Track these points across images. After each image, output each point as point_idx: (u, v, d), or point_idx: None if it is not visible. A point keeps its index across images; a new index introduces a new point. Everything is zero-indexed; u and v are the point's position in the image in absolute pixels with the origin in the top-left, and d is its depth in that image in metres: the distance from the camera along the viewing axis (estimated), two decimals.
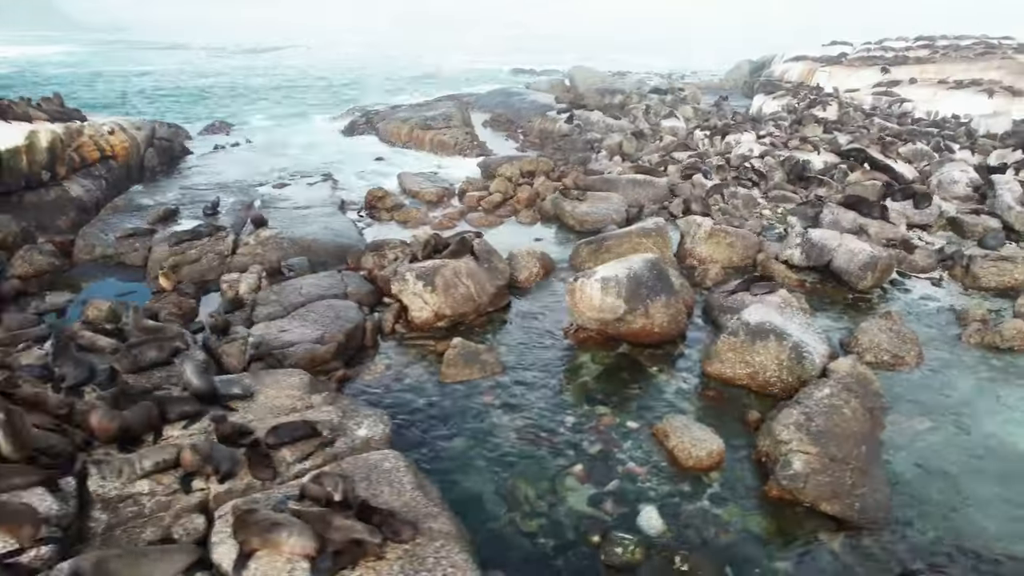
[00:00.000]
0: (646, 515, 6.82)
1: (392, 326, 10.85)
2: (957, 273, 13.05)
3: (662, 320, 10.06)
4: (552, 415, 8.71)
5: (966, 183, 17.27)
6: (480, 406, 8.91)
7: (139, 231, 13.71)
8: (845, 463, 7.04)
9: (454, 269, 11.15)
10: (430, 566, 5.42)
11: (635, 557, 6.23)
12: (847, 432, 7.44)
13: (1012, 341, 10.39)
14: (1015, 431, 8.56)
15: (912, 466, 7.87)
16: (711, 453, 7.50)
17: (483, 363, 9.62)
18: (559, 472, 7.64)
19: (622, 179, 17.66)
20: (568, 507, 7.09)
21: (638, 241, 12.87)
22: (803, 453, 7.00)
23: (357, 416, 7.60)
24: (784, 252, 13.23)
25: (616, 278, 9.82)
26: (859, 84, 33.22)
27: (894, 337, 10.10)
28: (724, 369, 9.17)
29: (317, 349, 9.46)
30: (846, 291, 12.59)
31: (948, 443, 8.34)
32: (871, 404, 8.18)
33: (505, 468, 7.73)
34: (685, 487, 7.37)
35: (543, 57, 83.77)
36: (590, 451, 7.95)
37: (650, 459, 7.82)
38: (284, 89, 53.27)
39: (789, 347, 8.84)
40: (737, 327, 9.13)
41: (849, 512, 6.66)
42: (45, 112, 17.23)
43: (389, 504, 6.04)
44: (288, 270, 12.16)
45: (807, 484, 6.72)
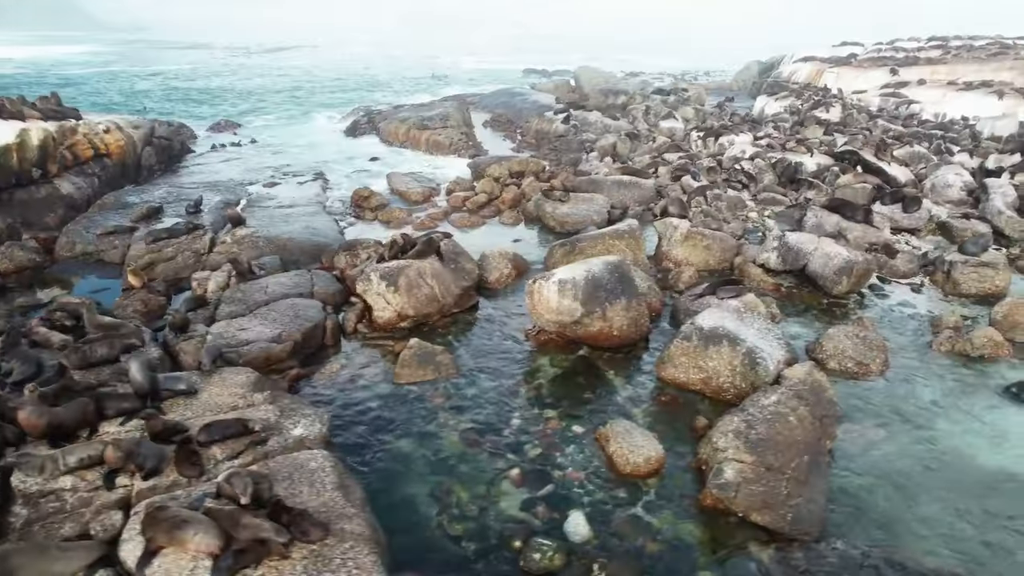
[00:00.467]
0: (573, 521, 6.75)
1: (354, 326, 10.88)
2: (938, 279, 12.77)
3: (621, 323, 9.96)
4: (499, 418, 8.66)
5: (960, 187, 16.87)
6: (429, 408, 8.89)
7: (119, 229, 13.92)
8: (782, 473, 6.90)
9: (418, 270, 11.15)
10: (335, 567, 5.41)
11: (554, 563, 6.17)
12: (789, 441, 7.30)
13: (982, 349, 10.14)
14: (973, 442, 8.35)
15: (860, 476, 7.71)
16: (649, 460, 7.40)
17: (437, 364, 9.61)
18: (496, 476, 7.59)
19: (608, 180, 17.54)
20: (499, 511, 7.04)
21: (611, 243, 12.76)
22: (737, 462, 6.88)
23: (295, 415, 7.63)
24: (761, 256, 13.04)
25: (573, 280, 9.75)
26: (867, 85, 32.67)
27: (860, 344, 9.89)
28: (678, 374, 9.06)
29: (272, 348, 9.51)
30: (821, 296, 12.38)
31: (902, 453, 8.15)
32: (822, 412, 8.01)
33: (444, 470, 7.70)
34: (621, 493, 7.29)
35: (555, 57, 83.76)
36: (530, 455, 7.89)
37: (590, 464, 7.74)
38: (293, 89, 53.75)
39: (742, 352, 8.70)
40: (690, 331, 9.01)
41: (781, 523, 6.52)
42: (39, 111, 17.55)
43: (306, 504, 6.05)
44: (259, 269, 12.22)
45: (738, 493, 6.60)
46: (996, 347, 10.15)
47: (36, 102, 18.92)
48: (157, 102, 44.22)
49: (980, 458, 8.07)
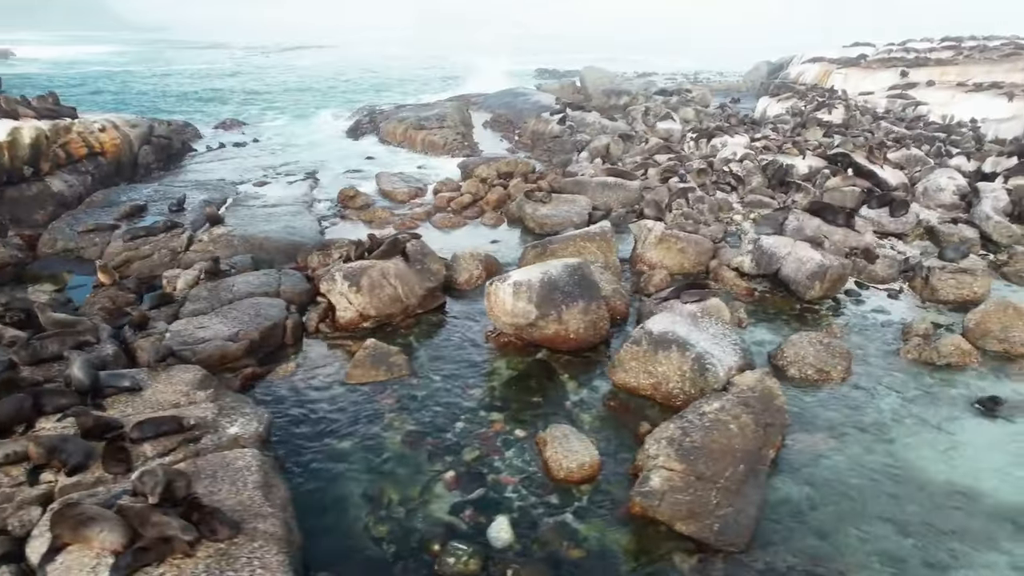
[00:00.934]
0: (497, 526, 6.70)
1: (316, 325, 10.92)
2: (917, 285, 12.49)
3: (578, 326, 9.88)
4: (444, 420, 8.64)
5: (953, 191, 16.49)
6: (377, 408, 8.89)
7: (100, 226, 14.13)
8: (713, 482, 6.79)
9: (382, 270, 11.16)
10: (240, 566, 5.42)
11: (468, 568, 6.13)
12: (726, 449, 7.18)
13: (949, 357, 9.90)
14: (926, 455, 8.14)
15: (803, 487, 7.55)
16: (582, 465, 7.33)
17: (391, 365, 9.61)
18: (432, 478, 7.57)
19: (592, 182, 17.43)
20: (427, 513, 7.02)
21: (582, 245, 12.67)
22: (666, 469, 6.78)
23: (234, 414, 7.67)
24: (735, 259, 12.87)
25: (528, 283, 9.69)
26: (875, 87, 32.08)
27: (822, 351, 9.71)
28: (628, 379, 8.96)
29: (228, 346, 9.58)
30: (794, 301, 12.18)
31: (851, 464, 7.98)
32: (768, 420, 7.86)
33: (381, 471, 7.70)
34: (552, 499, 7.22)
35: (569, 56, 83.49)
36: (468, 458, 7.85)
37: (527, 469, 7.68)
38: (306, 88, 54.26)
39: (692, 358, 8.58)
40: (640, 336, 8.91)
41: (706, 533, 6.41)
42: (34, 109, 17.89)
43: (223, 502, 6.08)
44: (231, 267, 12.33)
45: (663, 502, 6.51)
46: (963, 356, 9.90)
47: (33, 101, 19.32)
48: (168, 101, 44.94)
49: (931, 471, 7.87)
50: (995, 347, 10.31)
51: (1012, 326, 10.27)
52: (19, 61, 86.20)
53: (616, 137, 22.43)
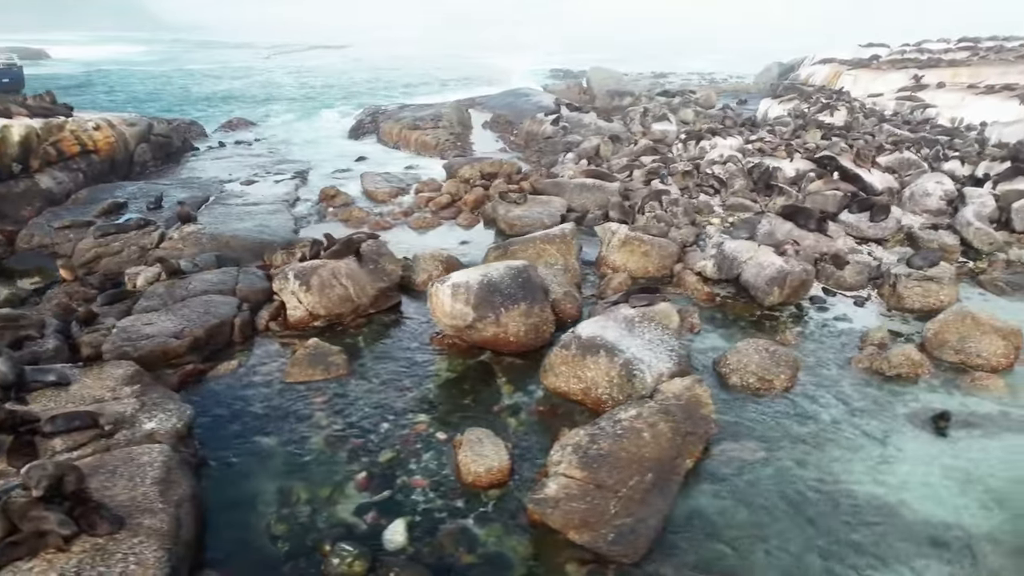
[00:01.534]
0: (393, 529, 6.69)
1: (266, 324, 11.02)
2: (885, 292, 12.15)
3: (517, 329, 9.81)
4: (371, 420, 8.64)
5: (940, 196, 16.01)
6: (308, 407, 8.93)
7: (76, 223, 14.43)
8: (614, 491, 6.67)
9: (332, 270, 11.22)
10: (115, 561, 5.50)
11: (353, 570, 6.11)
12: (635, 458, 7.06)
13: (899, 368, 9.60)
14: (857, 468, 7.89)
15: (720, 498, 7.38)
16: (490, 470, 7.27)
17: (329, 365, 9.65)
18: (345, 478, 7.58)
19: (571, 183, 17.31)
20: (331, 513, 7.03)
21: (542, 247, 12.60)
22: (566, 477, 6.69)
23: (155, 410, 7.79)
24: (698, 263, 12.67)
25: (467, 284, 9.66)
26: (884, 88, 31.33)
27: (767, 359, 9.49)
28: (559, 383, 8.86)
29: (171, 343, 9.71)
30: (755, 307, 11.94)
31: (776, 476, 7.77)
32: (689, 429, 7.71)
33: (297, 470, 7.73)
34: (458, 503, 7.18)
35: (585, 56, 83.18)
36: (384, 459, 7.85)
37: (440, 472, 7.65)
38: (318, 88, 54.95)
39: (620, 363, 8.46)
40: (569, 340, 8.81)
41: (599, 542, 6.30)
42: (27, 108, 18.38)
43: (115, 497, 6.17)
44: (194, 265, 12.50)
45: (555, 509, 6.41)
46: (913, 366, 9.59)
47: (29, 99, 19.86)
48: (185, 100, 45.85)
49: (858, 486, 7.61)
50: (951, 358, 9.97)
51: (969, 336, 9.92)
52: (53, 61, 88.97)
53: (606, 138, 22.26)
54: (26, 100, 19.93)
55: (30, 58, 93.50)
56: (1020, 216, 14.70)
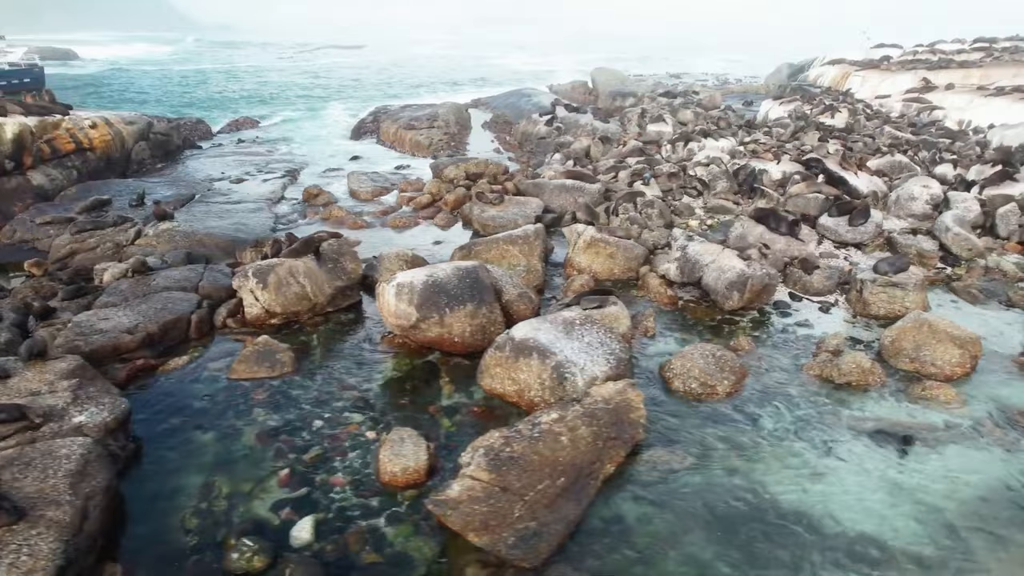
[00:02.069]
0: (300, 526, 6.73)
1: (224, 320, 11.16)
2: (852, 298, 11.90)
3: (462, 330, 9.81)
4: (306, 418, 8.70)
5: (926, 200, 15.62)
6: (247, 404, 9.03)
7: (57, 219, 14.78)
8: (521, 495, 6.64)
9: (290, 268, 11.32)
10: (7, 552, 5.64)
11: (252, 565, 6.17)
12: (547, 462, 7.02)
13: (849, 376, 9.40)
14: (786, 478, 7.72)
15: (639, 505, 7.29)
16: (406, 470, 7.29)
17: (275, 362, 9.75)
18: (269, 474, 7.65)
19: (551, 184, 17.25)
20: (247, 508, 7.10)
21: (505, 248, 12.59)
22: (471, 479, 6.67)
23: (89, 404, 7.94)
24: (661, 266, 12.54)
25: (411, 284, 9.69)
26: (892, 90, 30.69)
27: (711, 364, 9.36)
28: (495, 385, 8.84)
29: (123, 338, 9.89)
30: (716, 311, 11.78)
31: (703, 484, 7.66)
32: (613, 434, 7.65)
33: (224, 464, 7.82)
34: (373, 502, 7.21)
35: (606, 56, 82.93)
36: (307, 456, 7.91)
37: (362, 471, 7.68)
38: (333, 87, 55.55)
39: (552, 366, 8.41)
40: (503, 342, 8.78)
41: (498, 546, 6.27)
42: (22, 106, 18.86)
43: (21, 489, 6.31)
44: (164, 262, 12.72)
45: (455, 511, 6.39)
46: (863, 375, 9.38)
47: (27, 98, 20.38)
48: (200, 99, 46.68)
49: (786, 496, 7.45)
50: (906, 366, 9.75)
51: (925, 345, 9.68)
52: (80, 61, 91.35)
53: (596, 139, 22.13)
54: (24, 99, 20.43)
55: (59, 58, 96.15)
56: (1005, 222, 14.29)
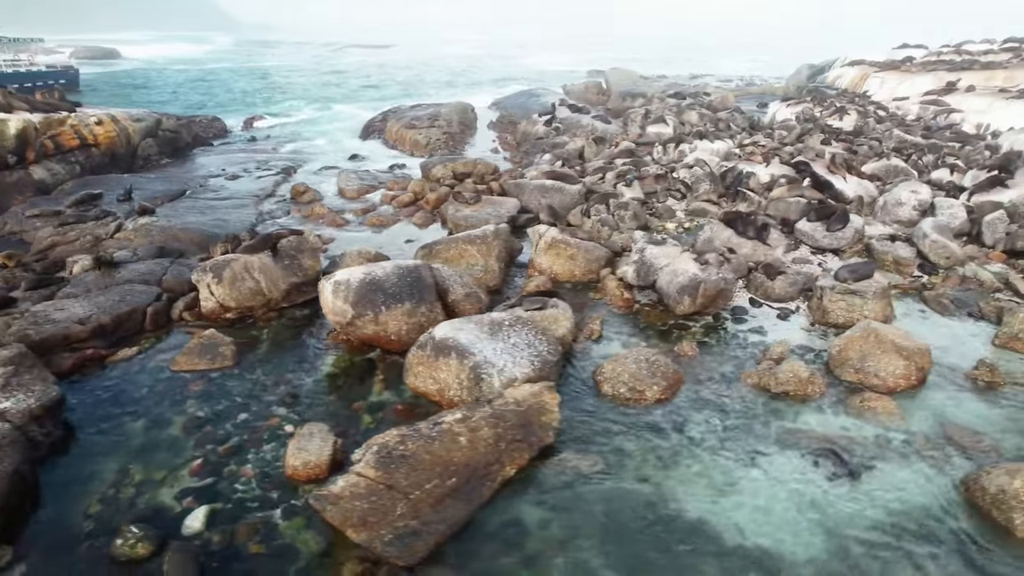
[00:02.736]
0: (194, 515, 6.88)
1: (180, 314, 11.44)
2: (813, 305, 11.59)
3: (398, 328, 9.88)
4: (233, 410, 8.88)
5: (914, 205, 15.08)
6: (182, 395, 9.25)
7: (45, 212, 15.35)
8: (406, 493, 6.66)
9: (245, 264, 11.55)
10: None
11: (136, 552, 6.32)
12: (440, 462, 7.02)
13: (786, 385, 9.16)
14: (697, 490, 7.53)
15: (538, 509, 7.22)
16: (307, 464, 7.37)
17: (217, 355, 9.96)
18: (183, 463, 7.84)
19: (531, 184, 17.19)
20: (152, 496, 7.28)
21: (464, 248, 12.62)
22: (358, 475, 6.73)
23: (17, 390, 8.24)
24: (620, 268, 12.41)
25: (347, 282, 9.80)
26: (911, 91, 29.71)
27: (643, 369, 9.23)
28: (418, 383, 8.89)
29: (74, 328, 10.22)
30: (670, 315, 11.60)
31: (610, 491, 7.54)
32: (519, 436, 7.61)
33: (145, 452, 8.03)
34: (273, 494, 7.31)
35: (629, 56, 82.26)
36: (223, 448, 8.06)
37: (271, 464, 7.80)
38: (354, 86, 56.36)
39: (469, 366, 8.41)
40: (425, 341, 8.81)
41: (375, 543, 6.30)
42: (28, 103, 19.64)
43: None
44: (133, 255, 13.10)
45: (335, 506, 6.45)
46: (801, 384, 9.12)
47: (38, 96, 21.20)
48: (224, 97, 47.88)
49: (693, 507, 7.28)
50: (850, 377, 9.44)
51: (870, 355, 9.37)
52: (122, 61, 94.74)
53: (590, 140, 21.99)
54: (34, 96, 21.27)
55: (103, 57, 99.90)
56: (991, 229, 13.72)
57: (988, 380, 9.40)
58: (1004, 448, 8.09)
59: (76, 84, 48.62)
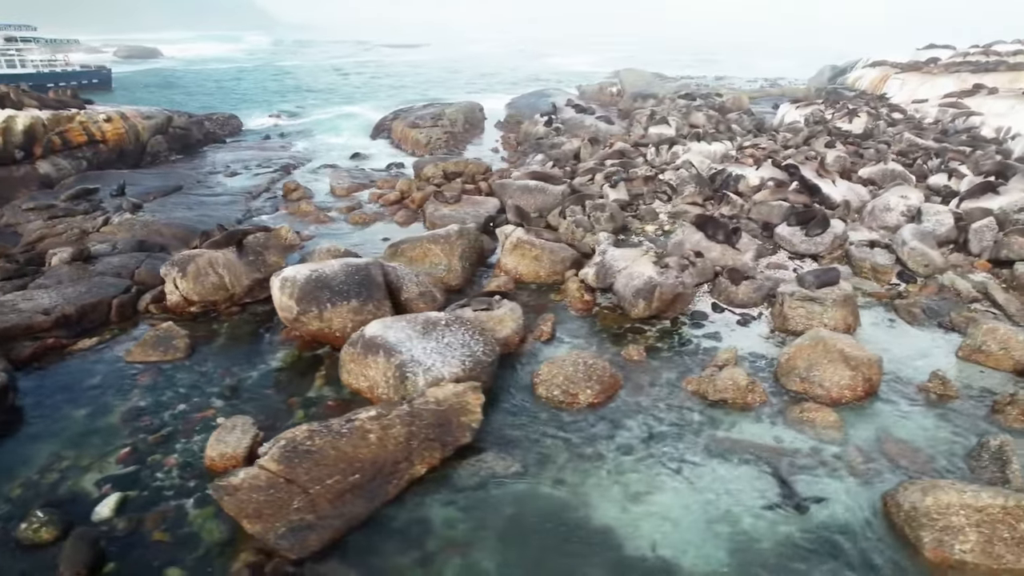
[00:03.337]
0: (105, 502, 7.08)
1: (147, 306, 11.77)
2: (775, 312, 11.32)
3: (343, 325, 9.98)
4: (174, 401, 9.10)
5: (902, 211, 14.57)
6: (130, 384, 9.53)
7: (39, 206, 15.92)
8: (305, 489, 6.74)
9: (210, 259, 11.81)
10: None
11: (39, 536, 6.53)
12: (346, 458, 7.08)
13: (723, 393, 8.97)
14: (610, 497, 7.41)
15: (446, 509, 7.24)
16: (224, 455, 7.51)
17: (170, 348, 10.22)
18: (113, 450, 8.07)
19: (514, 184, 17.16)
20: (74, 482, 7.52)
21: (428, 247, 12.69)
22: (260, 468, 6.83)
23: None
24: (583, 270, 12.31)
25: (293, 279, 9.94)
26: (931, 93, 28.70)
27: (579, 373, 9.14)
28: (351, 380, 8.97)
29: (37, 318, 10.60)
30: (627, 319, 11.46)
31: (522, 494, 7.49)
32: (432, 436, 7.63)
33: (80, 439, 8.29)
34: (190, 484, 7.48)
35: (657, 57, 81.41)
36: (153, 437, 8.27)
37: (196, 454, 7.96)
38: (379, 85, 57.06)
39: (395, 364, 8.45)
40: (356, 338, 8.88)
41: (268, 535, 6.40)
42: (39, 100, 20.39)
43: None
44: (113, 248, 13.52)
45: (232, 497, 6.56)
46: (740, 392, 8.91)
47: (51, 94, 22.01)
48: (247, 96, 48.98)
49: (600, 515, 7.15)
50: (795, 386, 9.19)
51: (817, 364, 9.11)
52: (162, 60, 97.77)
53: (586, 141, 21.85)
54: (48, 94, 22.08)
55: (145, 56, 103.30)
56: (978, 237, 13.17)
57: (940, 393, 9.05)
58: (938, 464, 7.78)
59: (108, 83, 50.39)
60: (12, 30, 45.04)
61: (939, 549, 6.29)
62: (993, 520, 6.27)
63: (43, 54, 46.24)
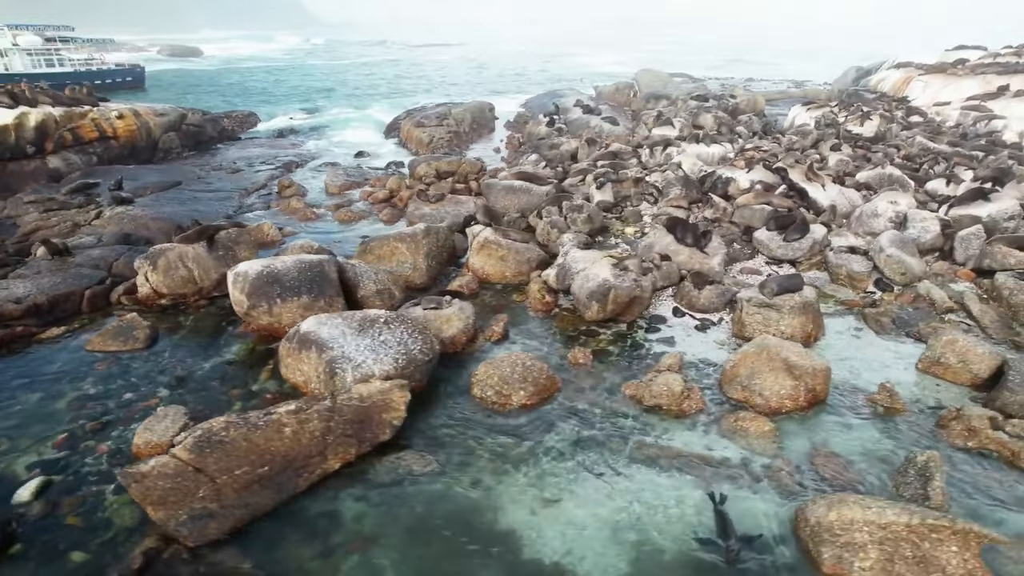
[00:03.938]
0: (27, 485, 7.34)
1: (119, 297, 12.15)
2: (735, 318, 11.08)
3: (292, 320, 10.14)
4: (122, 390, 9.39)
5: (891, 217, 14.07)
6: (85, 372, 9.86)
7: (39, 199, 16.56)
8: (212, 478, 6.88)
9: (180, 253, 12.13)
10: None
11: None
12: (257, 451, 7.20)
13: (658, 399, 8.82)
14: (526, 498, 7.38)
15: (358, 504, 7.31)
16: (149, 444, 7.74)
17: (130, 338, 10.54)
18: (52, 435, 8.36)
19: (500, 184, 17.15)
20: (6, 465, 7.81)
21: (395, 245, 12.78)
22: (172, 456, 7.00)
23: None
24: (545, 271, 12.25)
25: (245, 274, 10.14)
26: (954, 96, 27.63)
27: (515, 374, 9.10)
28: (289, 374, 9.11)
29: (7, 307, 11.04)
30: (582, 321, 11.35)
31: (435, 494, 7.50)
32: (349, 432, 7.71)
33: (26, 423, 8.62)
34: (116, 470, 7.67)
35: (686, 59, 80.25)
36: (92, 423, 8.53)
37: (128, 442, 8.18)
38: (406, 84, 57.66)
39: (326, 360, 8.56)
40: (293, 334, 9.01)
41: (169, 522, 6.56)
42: (53, 97, 21.20)
43: None
44: (98, 240, 13.99)
45: (139, 484, 6.73)
46: (675, 399, 8.75)
47: (67, 91, 22.86)
48: (268, 93, 50.02)
49: (507, 518, 7.12)
50: (737, 395, 8.98)
51: (758, 373, 8.89)
52: (203, 59, 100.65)
53: (583, 141, 21.69)
54: (64, 92, 22.93)
55: (186, 55, 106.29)
56: (964, 245, 12.64)
57: (887, 406, 8.73)
58: (867, 479, 7.51)
59: (142, 81, 52.08)
60: (51, 31, 46.95)
61: (838, 565, 6.09)
62: (896, 538, 6.03)
63: (80, 53, 48.04)
